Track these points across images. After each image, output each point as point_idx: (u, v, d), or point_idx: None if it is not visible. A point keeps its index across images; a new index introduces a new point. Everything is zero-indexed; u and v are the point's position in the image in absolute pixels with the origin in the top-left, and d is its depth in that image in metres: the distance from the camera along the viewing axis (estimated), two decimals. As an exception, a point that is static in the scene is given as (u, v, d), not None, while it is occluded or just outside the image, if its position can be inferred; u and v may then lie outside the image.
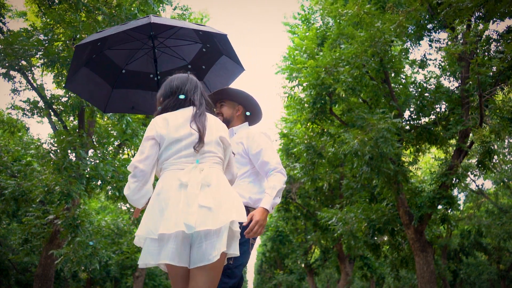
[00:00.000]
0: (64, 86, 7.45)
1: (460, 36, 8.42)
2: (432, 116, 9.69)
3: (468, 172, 9.53)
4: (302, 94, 10.21)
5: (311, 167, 11.13)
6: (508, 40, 7.84)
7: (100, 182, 9.65)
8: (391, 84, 9.38)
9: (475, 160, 11.65)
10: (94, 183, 9.48)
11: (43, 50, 8.20)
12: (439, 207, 9.58)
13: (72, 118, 11.83)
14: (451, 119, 9.10)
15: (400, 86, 9.83)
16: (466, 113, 8.70)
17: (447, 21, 7.90)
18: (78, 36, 8.39)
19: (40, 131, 31.86)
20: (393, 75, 9.66)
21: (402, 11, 8.18)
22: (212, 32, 3.22)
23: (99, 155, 9.81)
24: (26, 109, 10.75)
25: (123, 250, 15.83)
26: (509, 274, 19.44)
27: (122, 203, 14.64)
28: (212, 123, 2.39)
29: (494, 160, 10.18)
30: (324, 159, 10.79)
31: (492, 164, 9.02)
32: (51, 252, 9.19)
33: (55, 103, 10.38)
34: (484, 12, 7.79)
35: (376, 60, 8.61)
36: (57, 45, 8.63)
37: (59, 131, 9.86)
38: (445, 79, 10.10)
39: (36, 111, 10.70)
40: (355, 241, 10.79)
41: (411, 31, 9.50)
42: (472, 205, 18.35)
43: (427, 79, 9.96)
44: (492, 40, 8.70)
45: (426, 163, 19.55)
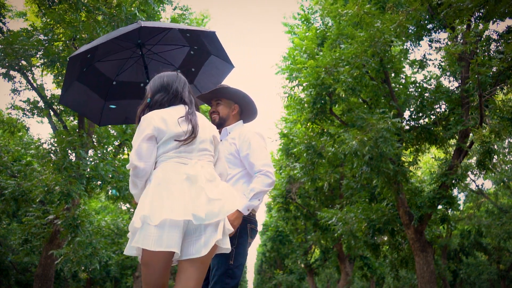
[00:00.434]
0: (58, 101, 7.48)
1: (460, 36, 8.42)
2: (432, 116, 9.69)
3: (468, 172, 9.51)
4: (302, 94, 10.21)
5: (311, 167, 11.13)
6: (508, 40, 7.84)
7: (100, 182, 9.64)
8: (391, 84, 9.38)
9: (474, 160, 11.65)
10: (94, 183, 9.48)
11: (43, 50, 8.20)
12: (439, 207, 9.58)
13: (72, 118, 11.84)
14: (451, 119, 9.10)
15: (400, 86, 9.83)
16: (466, 113, 8.70)
17: (447, 21, 7.90)
18: (78, 36, 8.39)
19: (40, 131, 31.90)
20: (393, 75, 9.66)
21: (402, 11, 8.18)
22: (200, 32, 3.21)
23: (99, 155, 9.80)
24: (26, 109, 10.75)
25: (123, 250, 15.82)
26: (509, 274, 19.44)
27: (122, 203, 14.64)
28: (204, 122, 2.43)
29: (494, 160, 10.18)
30: (324, 159, 10.78)
31: (492, 164, 9.02)
32: (51, 252, 9.19)
33: (55, 103, 10.38)
34: (484, 13, 7.78)
35: (376, 60, 8.61)
36: (57, 45, 8.63)
37: (59, 131, 9.86)
38: (445, 79, 10.10)
39: (36, 111, 10.71)
40: (355, 241, 10.79)
41: (411, 31, 9.49)
42: (472, 205, 18.35)
43: (427, 79, 9.96)
44: (492, 40, 8.70)
45: (426, 163, 19.55)
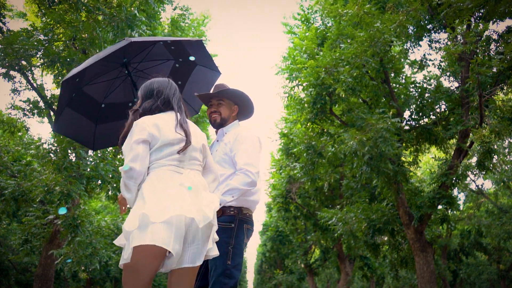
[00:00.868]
0: (52, 129, 7.52)
1: (460, 36, 8.41)
2: (432, 116, 9.69)
3: (468, 172, 9.51)
4: (302, 94, 10.21)
5: (311, 167, 11.12)
6: (508, 40, 7.83)
7: (100, 182, 9.65)
8: (391, 84, 9.38)
9: (474, 160, 11.66)
10: (94, 183, 9.48)
11: (43, 50, 8.20)
12: (439, 207, 9.58)
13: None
14: (451, 119, 9.10)
15: (400, 87, 9.83)
16: (466, 113, 8.70)
17: (447, 21, 7.90)
18: (78, 36, 8.40)
19: (40, 131, 31.86)
20: (393, 75, 9.66)
21: (402, 11, 8.17)
22: (185, 42, 3.20)
23: (99, 155, 9.81)
24: (26, 109, 10.75)
25: (123, 250, 15.78)
26: (509, 274, 19.44)
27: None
28: (195, 130, 2.41)
29: (494, 160, 10.17)
30: (324, 159, 10.78)
31: (492, 164, 9.02)
32: (51, 252, 9.19)
33: (55, 103, 10.38)
34: (484, 13, 7.78)
35: (376, 60, 8.61)
36: (57, 45, 8.63)
37: (59, 131, 9.84)
38: (445, 79, 10.10)
39: (36, 111, 10.70)
40: (355, 241, 10.79)
41: (411, 31, 9.49)
42: (472, 205, 18.35)
43: (427, 80, 9.96)
44: (492, 40, 8.70)
45: (426, 163, 19.55)
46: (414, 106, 9.71)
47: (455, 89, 9.46)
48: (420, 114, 9.76)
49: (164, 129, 2.25)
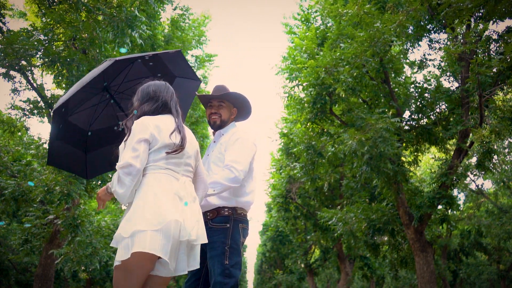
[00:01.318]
0: (46, 163, 7.58)
1: (460, 36, 8.41)
2: (432, 116, 9.68)
3: (468, 172, 9.52)
4: (302, 94, 10.21)
5: (311, 167, 11.13)
6: (508, 40, 7.83)
7: (100, 182, 9.65)
8: (391, 84, 9.38)
9: (474, 160, 11.65)
10: (94, 183, 9.48)
11: (43, 50, 8.20)
12: (439, 207, 9.58)
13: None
14: (451, 119, 9.10)
15: (400, 86, 9.83)
16: (466, 113, 8.70)
17: (447, 21, 7.89)
18: (78, 36, 8.40)
19: (40, 131, 31.81)
20: (393, 75, 9.66)
21: (402, 11, 8.17)
22: (162, 55, 3.19)
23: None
24: (26, 109, 10.74)
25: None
26: (509, 274, 19.44)
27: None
28: (190, 136, 2.43)
29: (494, 160, 10.18)
30: (324, 159, 10.79)
31: (492, 164, 9.02)
32: (51, 252, 9.19)
33: (55, 103, 10.38)
34: (484, 13, 7.77)
35: (376, 60, 8.61)
36: (57, 45, 8.63)
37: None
38: (445, 79, 10.10)
39: (36, 111, 10.69)
40: (355, 241, 10.79)
41: (410, 31, 9.49)
42: (472, 205, 18.34)
43: (427, 80, 9.96)
44: (492, 40, 8.70)
45: (426, 163, 19.54)
46: (414, 106, 9.71)
47: (455, 89, 9.45)
48: (420, 114, 9.75)
49: (164, 131, 2.26)
